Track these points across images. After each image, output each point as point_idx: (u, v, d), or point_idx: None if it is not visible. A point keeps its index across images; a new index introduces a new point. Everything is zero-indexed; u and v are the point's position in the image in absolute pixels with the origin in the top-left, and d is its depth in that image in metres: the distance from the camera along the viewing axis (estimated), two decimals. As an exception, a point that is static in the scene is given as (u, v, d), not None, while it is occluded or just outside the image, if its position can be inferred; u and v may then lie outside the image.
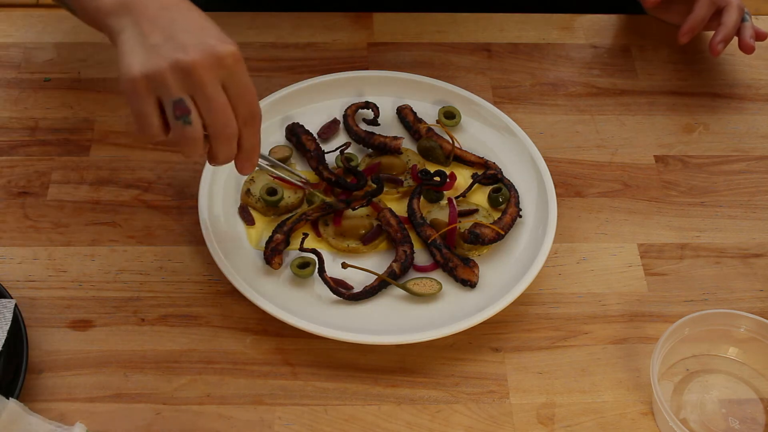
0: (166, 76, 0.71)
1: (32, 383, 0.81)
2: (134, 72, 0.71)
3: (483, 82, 1.07)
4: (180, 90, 0.71)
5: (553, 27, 1.13)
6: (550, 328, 0.87)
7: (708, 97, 1.08)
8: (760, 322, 0.83)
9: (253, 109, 0.75)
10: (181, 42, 0.71)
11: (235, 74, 0.73)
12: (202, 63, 0.71)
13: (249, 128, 0.75)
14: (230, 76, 0.72)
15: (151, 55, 0.71)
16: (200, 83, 0.71)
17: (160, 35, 0.72)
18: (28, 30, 1.09)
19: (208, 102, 0.72)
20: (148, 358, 0.83)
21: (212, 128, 0.73)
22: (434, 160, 0.97)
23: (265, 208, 0.92)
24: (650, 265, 0.92)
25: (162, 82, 0.71)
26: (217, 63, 0.71)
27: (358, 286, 0.87)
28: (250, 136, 0.76)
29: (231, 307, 0.87)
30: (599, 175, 0.99)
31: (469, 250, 0.90)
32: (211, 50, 0.71)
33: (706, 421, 0.82)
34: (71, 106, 1.02)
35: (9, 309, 0.81)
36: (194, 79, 0.71)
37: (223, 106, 0.72)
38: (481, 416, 0.81)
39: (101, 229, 0.92)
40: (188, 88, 0.71)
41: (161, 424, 0.80)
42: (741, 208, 0.98)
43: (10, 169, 0.96)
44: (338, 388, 0.83)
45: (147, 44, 0.72)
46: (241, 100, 0.74)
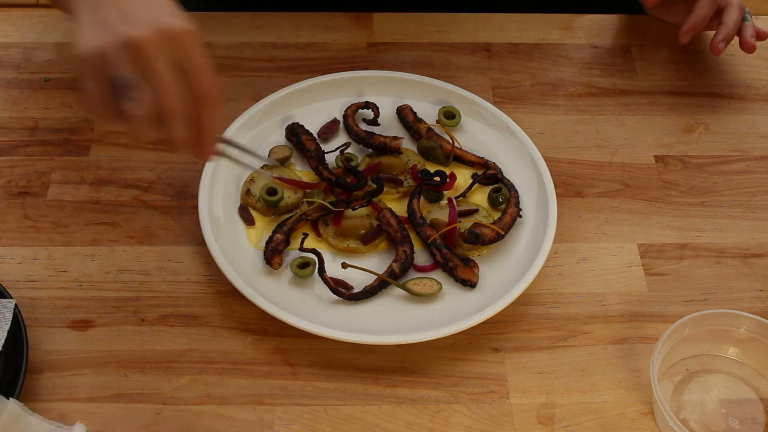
0: (111, 53, 0.68)
1: (32, 383, 0.81)
2: (83, 49, 0.69)
3: (483, 82, 1.07)
4: (128, 67, 0.69)
5: (553, 27, 1.13)
6: (550, 328, 0.87)
7: (708, 97, 1.08)
8: (760, 322, 0.83)
9: (207, 89, 0.72)
10: (133, 18, 0.69)
11: (189, 53, 0.70)
12: (151, 39, 0.68)
13: (205, 109, 0.72)
14: (185, 55, 0.70)
15: (102, 31, 0.69)
16: (148, 60, 0.69)
17: (114, 11, 0.70)
18: (28, 30, 1.09)
19: (155, 79, 0.69)
20: (148, 358, 0.83)
21: (161, 106, 0.70)
22: (434, 160, 0.97)
23: (265, 208, 0.92)
24: (650, 265, 0.92)
25: (107, 60, 0.69)
26: (168, 40, 0.69)
27: (358, 286, 0.87)
28: (207, 118, 0.73)
29: (231, 307, 0.87)
30: (599, 175, 0.99)
31: (469, 250, 0.90)
32: (163, 26, 0.69)
33: (706, 421, 0.82)
34: (71, 106, 1.02)
35: (9, 309, 0.81)
36: (142, 56, 0.68)
37: (171, 84, 0.70)
38: (481, 416, 0.81)
39: (101, 229, 0.92)
40: (137, 66, 0.69)
41: (161, 424, 0.80)
42: (741, 208, 0.98)
43: (10, 169, 0.96)
44: (338, 388, 0.83)
45: (100, 21, 0.70)
46: (194, 80, 0.71)
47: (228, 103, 1.03)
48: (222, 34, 1.09)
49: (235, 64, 1.06)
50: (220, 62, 1.06)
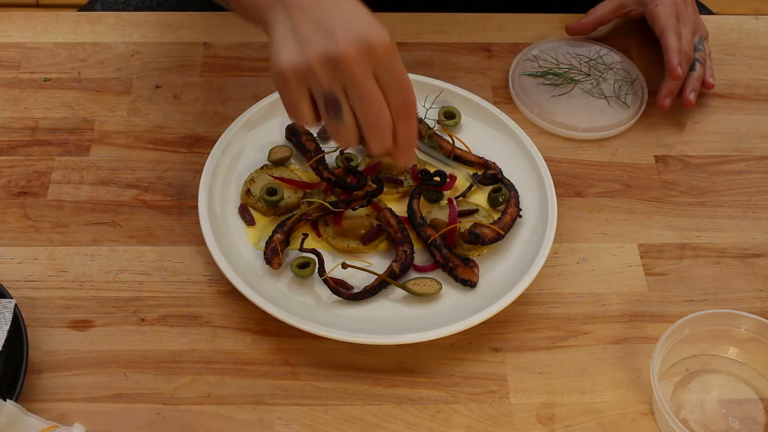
0: (316, 69, 0.69)
1: (32, 383, 0.81)
2: (283, 64, 0.70)
3: (483, 82, 1.07)
4: (330, 82, 0.70)
5: (553, 27, 1.13)
6: (550, 328, 0.87)
7: (708, 97, 1.07)
8: (760, 322, 0.83)
9: (407, 99, 0.72)
10: (331, 31, 0.69)
11: (388, 64, 0.70)
12: (353, 54, 0.69)
13: (403, 119, 0.73)
14: (382, 65, 0.70)
15: (301, 46, 0.70)
16: (351, 75, 0.69)
17: (311, 25, 0.70)
18: (28, 30, 1.09)
19: (359, 94, 0.70)
20: (148, 358, 0.83)
21: (364, 121, 0.71)
22: (434, 160, 0.97)
23: (265, 208, 0.92)
24: (650, 265, 0.92)
25: (312, 75, 0.70)
26: (368, 53, 0.69)
27: (358, 286, 0.87)
28: (405, 128, 0.73)
29: (231, 307, 0.87)
30: (599, 175, 0.99)
31: (469, 250, 0.90)
32: (363, 40, 0.69)
33: (706, 421, 0.82)
34: (71, 106, 1.02)
35: (9, 309, 0.81)
36: (345, 71, 0.69)
37: (376, 98, 0.70)
38: (481, 416, 0.81)
39: (101, 229, 0.92)
40: (339, 80, 0.70)
41: (161, 424, 0.80)
42: (741, 208, 0.98)
43: (10, 169, 0.96)
44: (338, 388, 0.83)
45: (297, 34, 0.70)
46: (394, 91, 0.71)
47: (228, 103, 1.03)
48: (222, 34, 1.09)
49: (235, 64, 1.06)
50: (220, 62, 1.06)
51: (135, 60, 1.06)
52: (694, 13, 1.06)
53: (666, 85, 1.02)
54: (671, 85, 1.02)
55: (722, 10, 2.14)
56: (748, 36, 1.14)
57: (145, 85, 1.04)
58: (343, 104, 0.71)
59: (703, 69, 1.04)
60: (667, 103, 1.02)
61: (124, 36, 1.09)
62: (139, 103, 1.02)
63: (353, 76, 0.69)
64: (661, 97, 1.02)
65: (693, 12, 1.06)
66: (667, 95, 1.02)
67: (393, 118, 0.72)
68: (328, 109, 0.71)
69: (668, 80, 1.02)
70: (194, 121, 1.01)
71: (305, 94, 0.72)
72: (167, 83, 1.04)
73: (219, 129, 0.97)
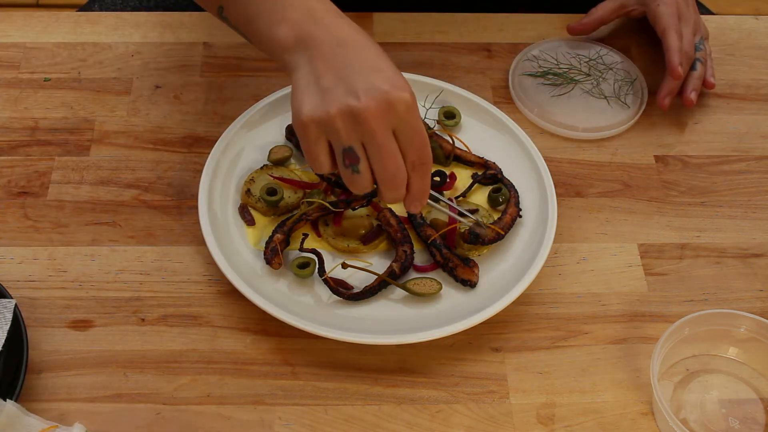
0: (336, 123, 0.71)
1: (32, 383, 0.81)
2: (305, 114, 0.72)
3: (483, 82, 1.07)
4: (349, 137, 0.71)
5: (553, 27, 1.13)
6: (550, 328, 0.87)
7: (708, 97, 1.07)
8: (760, 322, 0.83)
9: (422, 155, 0.74)
10: (353, 86, 0.71)
11: (407, 120, 0.72)
12: (373, 111, 0.70)
13: (418, 173, 0.74)
14: (401, 122, 0.72)
15: (323, 98, 0.71)
16: (370, 131, 0.71)
17: (333, 77, 0.72)
18: (28, 30, 1.09)
19: (377, 149, 0.72)
20: (148, 358, 0.83)
21: (380, 175, 0.73)
22: (434, 160, 0.97)
23: (265, 208, 0.92)
24: (650, 265, 0.92)
25: (332, 128, 0.71)
26: (388, 110, 0.71)
27: (358, 286, 0.87)
28: (419, 180, 0.75)
29: (231, 307, 0.87)
30: (599, 175, 0.99)
31: (469, 250, 0.90)
32: (384, 97, 0.71)
33: (706, 421, 0.82)
34: (71, 106, 1.02)
35: (9, 309, 0.81)
36: (364, 127, 0.71)
37: (393, 154, 0.72)
38: (481, 416, 0.81)
39: (101, 229, 0.92)
40: (358, 135, 0.71)
41: (161, 425, 0.80)
42: (741, 208, 0.98)
43: (10, 169, 0.96)
44: (338, 388, 0.83)
45: (320, 86, 0.72)
46: (411, 147, 0.73)
47: (228, 103, 1.03)
48: (222, 34, 1.09)
49: (235, 64, 1.06)
50: (220, 62, 1.06)
51: (135, 60, 1.06)
52: (695, 13, 1.06)
53: (666, 85, 1.02)
54: (671, 84, 1.02)
55: (722, 10, 2.14)
56: (748, 36, 1.15)
57: (145, 85, 1.04)
58: (361, 159, 0.72)
59: (704, 68, 1.04)
60: (667, 103, 1.02)
61: (124, 36, 1.09)
62: (139, 103, 1.02)
63: (372, 132, 0.71)
64: (661, 96, 1.02)
65: (694, 12, 1.06)
66: (667, 95, 1.02)
67: (408, 171, 0.74)
68: (346, 162, 0.73)
69: (668, 80, 1.02)
70: (194, 121, 1.01)
71: (324, 144, 0.73)
72: (167, 83, 1.04)
73: (219, 129, 0.97)
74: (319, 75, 0.73)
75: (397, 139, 0.73)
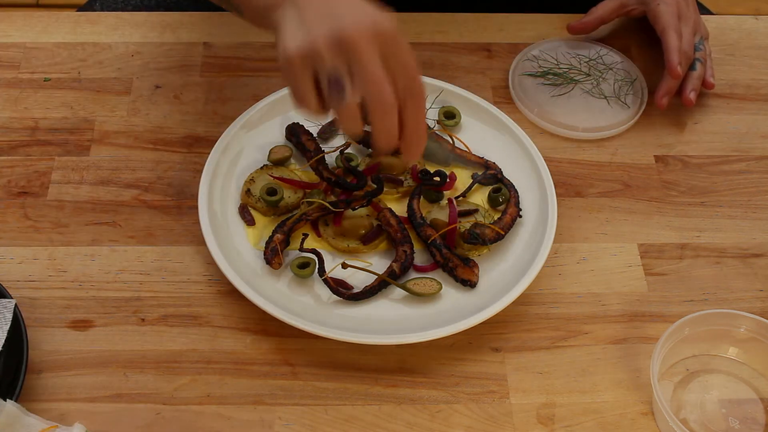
0: (321, 50, 0.70)
1: (32, 383, 0.81)
2: (290, 50, 0.71)
3: (483, 82, 1.07)
4: (335, 61, 0.70)
5: (553, 27, 1.13)
6: (550, 328, 0.87)
7: (708, 97, 1.07)
8: (760, 322, 0.83)
9: (413, 83, 0.72)
10: (338, 16, 0.70)
11: (394, 47, 0.70)
12: (358, 34, 0.69)
13: (410, 104, 0.72)
14: (389, 48, 0.70)
15: (308, 31, 0.70)
16: (356, 53, 0.69)
17: (318, 13, 0.71)
18: (28, 30, 1.09)
19: (364, 74, 0.70)
20: (148, 358, 0.83)
21: (368, 100, 0.71)
22: (434, 160, 0.97)
23: (265, 208, 0.92)
24: (650, 265, 0.92)
25: (317, 56, 0.70)
26: (375, 35, 0.70)
27: (358, 286, 0.87)
28: (413, 115, 0.73)
29: (231, 307, 0.87)
30: (599, 175, 0.99)
31: (469, 250, 0.90)
32: (369, 23, 0.70)
33: (706, 421, 0.82)
34: (71, 106, 1.02)
35: (9, 309, 0.81)
36: (350, 51, 0.69)
37: (380, 78, 0.70)
38: (481, 416, 0.81)
39: (101, 229, 0.92)
40: (344, 60, 0.70)
41: (161, 425, 0.80)
42: (741, 208, 0.98)
43: (10, 169, 0.96)
44: (338, 388, 0.83)
45: (305, 23, 0.71)
46: (400, 74, 0.71)
47: (228, 103, 1.03)
48: (222, 34, 1.09)
49: (235, 64, 1.06)
50: (220, 62, 1.06)
51: (135, 60, 1.06)
52: (695, 13, 1.06)
53: (665, 84, 1.02)
54: (670, 84, 1.02)
55: (722, 10, 2.15)
56: (748, 36, 1.15)
57: (145, 85, 1.04)
58: (347, 84, 0.70)
59: (704, 68, 1.04)
60: (665, 102, 1.02)
61: (124, 36, 1.09)
62: (139, 103, 1.02)
63: (358, 55, 0.69)
64: (659, 95, 1.02)
65: (694, 11, 1.06)
66: (665, 94, 1.02)
67: (399, 103, 0.72)
68: (332, 90, 0.71)
69: (667, 79, 1.02)
70: (194, 121, 1.01)
71: (310, 78, 0.72)
72: (167, 83, 1.04)
73: (219, 129, 0.97)
74: (304, 16, 0.71)
75: (386, 67, 0.71)
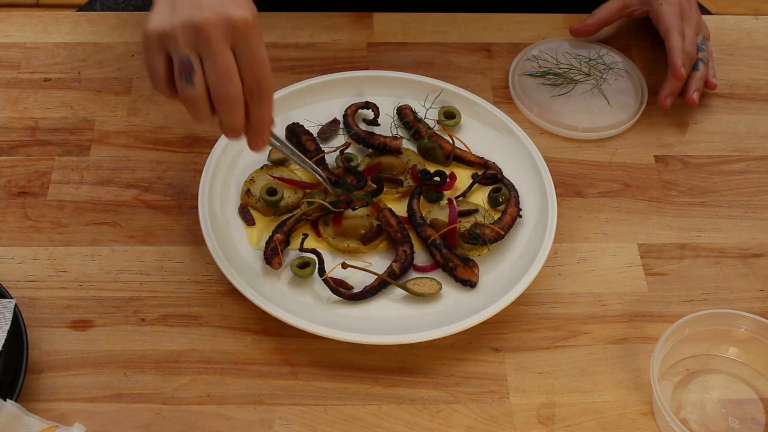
0: (177, 33, 0.72)
1: (32, 383, 0.81)
2: (151, 27, 0.73)
3: (483, 82, 1.07)
4: (187, 47, 0.72)
5: (553, 27, 1.13)
6: (550, 328, 0.87)
7: (708, 97, 1.07)
8: (760, 322, 0.83)
9: (262, 79, 0.74)
10: (199, 3, 0.72)
11: (246, 40, 0.72)
12: (212, 23, 0.71)
13: (255, 100, 0.74)
14: (241, 41, 0.72)
15: (170, 13, 0.72)
16: (207, 41, 0.71)
17: None
18: (28, 30, 1.09)
19: (212, 61, 0.72)
20: (148, 358, 0.83)
21: (214, 90, 0.73)
22: (434, 160, 0.97)
23: (265, 208, 0.92)
24: (650, 265, 0.92)
25: (172, 38, 0.72)
26: (228, 25, 0.71)
27: (358, 286, 0.87)
28: (258, 110, 0.75)
29: (231, 307, 0.87)
30: (599, 175, 0.99)
31: (469, 250, 0.90)
32: (225, 12, 0.71)
33: (706, 421, 0.82)
34: (71, 106, 1.02)
35: (9, 309, 0.81)
36: (201, 37, 0.71)
37: (227, 68, 0.72)
38: (481, 416, 0.81)
39: (101, 229, 0.92)
40: (196, 47, 0.72)
41: (161, 424, 0.80)
42: (741, 208, 0.98)
43: (10, 169, 0.96)
44: (338, 388, 0.83)
45: (172, 4, 0.73)
46: (248, 68, 0.73)
47: (228, 103, 1.03)
48: (222, 34, 1.09)
49: (235, 64, 1.06)
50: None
51: (135, 60, 1.06)
52: (697, 13, 1.06)
53: (668, 85, 1.02)
54: (673, 85, 1.02)
55: (722, 10, 2.15)
56: (748, 36, 1.15)
57: (145, 85, 1.04)
58: (196, 69, 0.72)
59: (706, 69, 1.04)
60: (668, 103, 1.02)
61: (124, 36, 1.09)
62: (139, 103, 1.02)
63: (209, 42, 0.71)
64: (663, 96, 1.02)
65: (696, 11, 1.06)
66: (669, 95, 1.02)
67: (246, 95, 0.74)
68: (181, 73, 0.73)
69: (671, 80, 1.02)
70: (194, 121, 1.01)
71: (162, 57, 0.74)
72: (167, 83, 1.04)
73: (219, 129, 0.97)
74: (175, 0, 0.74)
75: (237, 60, 0.73)
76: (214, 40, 0.71)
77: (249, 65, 0.73)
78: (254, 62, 0.73)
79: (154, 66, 0.74)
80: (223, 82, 0.73)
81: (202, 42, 0.72)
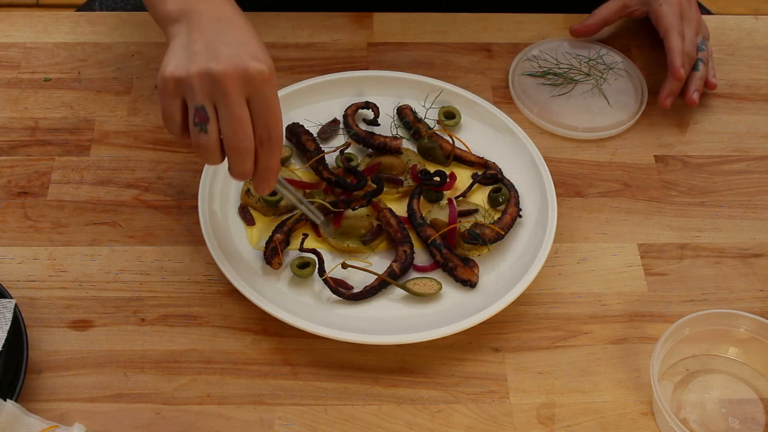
0: (193, 81, 0.73)
1: (32, 383, 0.81)
2: (167, 72, 0.74)
3: (483, 82, 1.07)
4: (203, 97, 0.73)
5: (553, 27, 1.13)
6: (550, 328, 0.87)
7: (708, 97, 1.07)
8: (760, 322, 0.83)
9: (271, 131, 0.75)
10: (216, 52, 0.73)
11: (261, 93, 0.73)
12: (229, 74, 0.72)
13: (266, 149, 0.75)
14: (256, 93, 0.73)
15: (188, 60, 0.74)
16: (223, 93, 0.72)
17: (203, 44, 0.74)
18: (28, 30, 1.09)
19: (227, 112, 0.73)
20: (148, 358, 0.83)
21: (227, 140, 0.74)
22: (434, 160, 0.97)
23: (265, 208, 0.92)
24: (650, 265, 0.92)
25: (189, 86, 0.73)
26: (244, 77, 0.73)
27: (358, 286, 0.87)
28: (266, 158, 0.76)
29: (231, 307, 0.87)
30: (599, 175, 0.99)
31: (469, 250, 0.90)
32: (242, 64, 0.73)
33: (706, 421, 0.82)
34: (71, 106, 1.02)
35: (9, 309, 0.81)
36: (218, 88, 0.72)
37: (241, 120, 0.73)
38: (481, 416, 0.81)
39: (101, 229, 0.92)
40: (212, 97, 0.73)
41: (161, 424, 0.80)
42: (741, 208, 0.98)
43: (10, 169, 0.96)
44: (338, 388, 0.83)
45: (189, 50, 0.74)
46: (261, 119, 0.74)
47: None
48: (222, 34, 1.09)
49: (235, 64, 1.06)
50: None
51: (135, 60, 1.06)
52: (696, 12, 1.06)
53: (668, 86, 1.02)
54: (673, 85, 1.02)
55: (722, 10, 2.15)
56: (748, 36, 1.15)
57: (145, 85, 1.04)
58: (210, 119, 0.74)
59: (706, 69, 1.04)
60: (668, 103, 1.02)
61: (124, 36, 1.09)
62: (139, 103, 1.02)
63: (225, 93, 0.73)
64: (663, 96, 1.02)
65: (696, 11, 1.06)
66: (669, 95, 1.02)
67: (256, 144, 0.75)
68: (196, 120, 0.74)
69: (670, 81, 1.02)
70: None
71: (179, 103, 0.75)
72: (167, 83, 1.04)
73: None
74: (191, 41, 0.75)
75: (251, 110, 0.74)
76: (230, 92, 0.72)
77: (262, 115, 0.74)
78: (267, 114, 0.74)
79: (170, 111, 0.75)
80: (236, 134, 0.74)
81: (219, 93, 0.72)
